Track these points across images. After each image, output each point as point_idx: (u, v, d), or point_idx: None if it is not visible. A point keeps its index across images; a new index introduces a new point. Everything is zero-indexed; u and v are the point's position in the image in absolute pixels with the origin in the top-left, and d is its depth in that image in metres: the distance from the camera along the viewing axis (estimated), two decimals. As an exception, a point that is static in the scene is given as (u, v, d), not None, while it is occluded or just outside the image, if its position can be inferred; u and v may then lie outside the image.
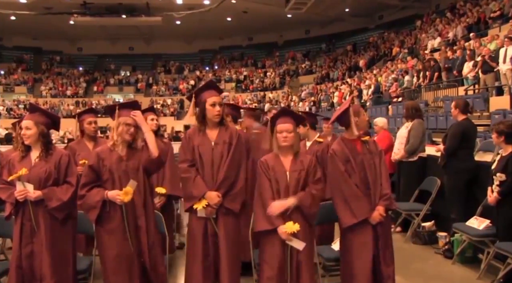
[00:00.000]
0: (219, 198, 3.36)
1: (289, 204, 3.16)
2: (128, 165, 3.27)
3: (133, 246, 3.21)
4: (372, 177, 3.39)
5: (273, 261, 3.19)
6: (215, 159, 3.42)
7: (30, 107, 3.55)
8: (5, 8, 22.71)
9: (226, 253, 3.36)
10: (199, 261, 3.41)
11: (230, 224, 3.43)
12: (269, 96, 26.50)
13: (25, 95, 27.69)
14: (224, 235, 3.37)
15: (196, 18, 24.89)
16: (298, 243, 3.15)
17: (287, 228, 3.11)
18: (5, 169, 3.36)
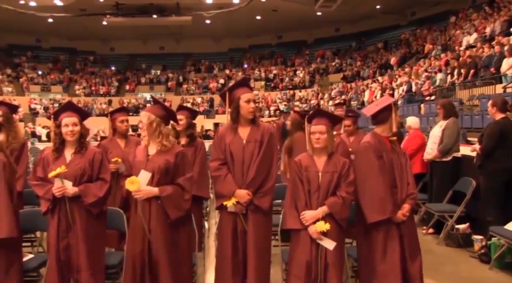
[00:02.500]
0: (249, 196, 3.36)
1: (320, 214, 3.17)
2: (149, 165, 3.28)
3: (143, 245, 3.22)
4: (399, 176, 3.37)
5: (301, 260, 3.18)
6: (246, 157, 3.43)
7: (71, 105, 3.61)
8: (43, 11, 23.44)
9: (254, 250, 3.36)
10: (228, 258, 3.42)
11: (259, 221, 3.42)
12: (299, 95, 26.40)
13: (60, 94, 28.45)
14: (253, 232, 3.38)
15: (225, 17, 24.99)
16: (329, 242, 3.14)
17: (318, 227, 3.12)
18: (39, 166, 3.45)
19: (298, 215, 3.23)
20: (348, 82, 24.33)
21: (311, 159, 3.31)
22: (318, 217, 3.17)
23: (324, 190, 3.22)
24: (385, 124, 3.42)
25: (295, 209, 3.26)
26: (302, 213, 3.20)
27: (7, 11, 22.54)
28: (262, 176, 3.42)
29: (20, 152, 4.40)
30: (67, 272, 3.37)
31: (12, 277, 3.34)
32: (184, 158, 3.34)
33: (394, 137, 3.47)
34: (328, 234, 3.15)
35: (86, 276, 3.32)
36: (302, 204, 3.24)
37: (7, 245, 3.28)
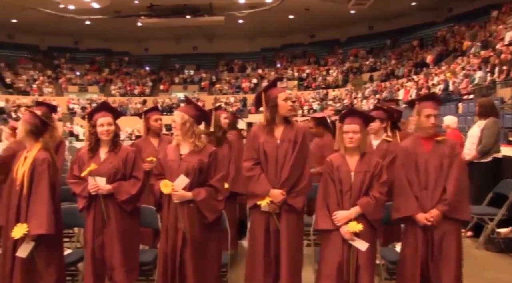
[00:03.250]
0: (283, 196, 3.34)
1: (353, 214, 3.13)
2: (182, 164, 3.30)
3: (174, 243, 3.26)
4: (433, 178, 3.25)
5: (332, 260, 3.15)
6: (280, 157, 3.41)
7: (106, 105, 3.69)
8: (81, 14, 24.13)
9: (287, 250, 3.34)
10: (260, 257, 3.42)
11: (293, 221, 3.40)
12: (332, 94, 26.13)
13: (97, 94, 29.15)
14: (286, 231, 3.36)
15: (258, 16, 25.00)
16: (361, 243, 3.09)
17: (351, 227, 3.08)
18: (75, 165, 3.56)
19: (330, 215, 3.20)
20: (382, 81, 23.92)
21: (342, 158, 3.27)
22: (351, 218, 3.13)
23: (356, 190, 3.18)
24: None
25: (327, 209, 3.23)
26: (334, 213, 3.17)
27: (48, 15, 23.37)
28: (295, 175, 3.39)
29: (56, 150, 4.55)
30: (102, 269, 3.45)
31: (52, 271, 3.43)
32: (217, 158, 3.35)
33: (443, 137, 3.37)
34: (361, 235, 3.10)
35: (120, 274, 3.39)
36: (334, 204, 3.21)
37: (48, 241, 3.38)
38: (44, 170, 3.38)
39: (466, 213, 3.28)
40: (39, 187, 3.35)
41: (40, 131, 3.51)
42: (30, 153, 3.46)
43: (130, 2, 23.98)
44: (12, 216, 3.38)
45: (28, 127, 3.47)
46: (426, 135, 3.31)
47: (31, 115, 3.56)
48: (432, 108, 3.29)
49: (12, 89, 27.55)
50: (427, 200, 3.24)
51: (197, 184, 3.27)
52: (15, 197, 3.39)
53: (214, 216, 3.28)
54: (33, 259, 3.34)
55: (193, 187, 3.25)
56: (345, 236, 3.11)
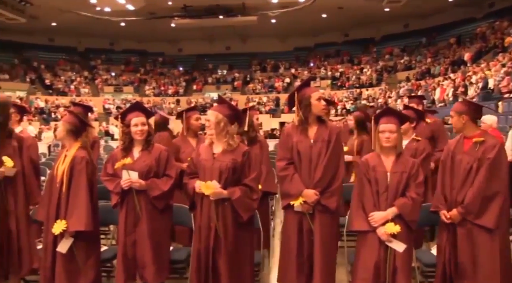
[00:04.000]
0: (317, 196, 3.31)
1: (390, 215, 3.08)
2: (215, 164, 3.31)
3: (207, 242, 3.28)
4: (461, 179, 3.19)
5: (369, 262, 3.10)
6: (313, 157, 3.39)
7: (138, 105, 3.76)
8: (116, 16, 24.66)
9: (320, 250, 3.31)
10: (293, 257, 3.40)
11: (326, 221, 3.37)
12: (366, 94, 25.76)
13: (131, 94, 29.69)
14: (319, 232, 3.33)
15: (290, 16, 24.90)
16: (399, 244, 3.04)
17: (388, 228, 3.02)
18: (109, 163, 3.64)
19: (365, 216, 3.15)
20: (417, 80, 23.40)
21: (378, 158, 3.22)
22: (388, 218, 3.08)
23: (393, 190, 3.13)
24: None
25: (362, 210, 3.19)
26: (371, 214, 3.12)
27: (85, 17, 24.01)
28: (329, 175, 3.36)
29: (91, 149, 4.66)
30: (133, 267, 3.50)
31: (91, 266, 3.53)
32: (251, 157, 3.34)
33: (481, 138, 3.26)
34: (398, 236, 3.04)
35: (151, 272, 3.44)
36: (370, 205, 3.16)
37: (86, 237, 3.48)
38: (83, 168, 3.48)
39: (490, 220, 3.14)
40: (78, 184, 3.46)
41: (79, 131, 3.61)
42: (69, 152, 3.56)
43: (164, 3, 24.33)
44: (52, 212, 3.49)
45: (68, 127, 3.57)
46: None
47: (70, 116, 3.66)
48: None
49: (52, 90, 28.46)
50: (451, 200, 3.23)
51: (231, 183, 3.28)
52: (55, 194, 3.51)
53: (248, 215, 3.29)
54: (73, 254, 3.43)
55: (227, 186, 3.26)
56: (382, 237, 3.06)
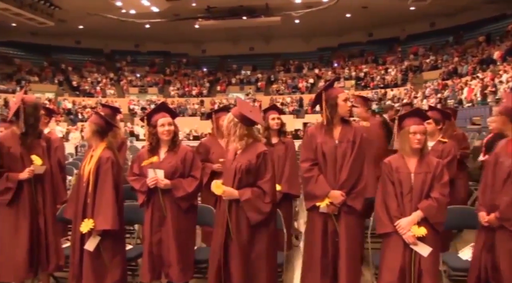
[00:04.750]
0: (343, 197, 3.28)
1: (416, 219, 3.02)
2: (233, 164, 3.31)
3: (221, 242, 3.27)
4: (500, 183, 3.09)
5: (394, 265, 3.04)
6: (338, 158, 3.36)
7: (164, 106, 3.81)
8: (141, 18, 25.04)
9: (346, 252, 3.28)
10: (317, 259, 3.37)
11: (352, 222, 3.34)
12: (390, 94, 25.43)
13: (156, 95, 30.06)
14: (345, 233, 3.30)
15: (314, 16, 24.78)
16: (424, 248, 2.98)
17: (414, 231, 2.97)
18: (135, 164, 3.68)
19: (390, 218, 3.10)
20: (443, 79, 22.95)
21: (401, 160, 3.16)
22: (414, 223, 3.02)
23: (417, 191, 3.07)
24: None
25: (386, 211, 3.13)
26: (397, 222, 3.05)
27: (111, 20, 24.44)
28: (354, 176, 3.32)
29: (119, 150, 4.72)
30: (159, 266, 3.54)
31: (117, 264, 3.58)
32: (266, 159, 3.25)
33: None
34: (423, 239, 2.99)
35: (176, 271, 3.47)
36: (394, 206, 3.10)
37: (112, 236, 3.52)
38: (109, 168, 3.53)
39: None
40: (104, 184, 3.51)
41: (105, 132, 3.67)
42: (95, 152, 3.62)
43: (188, 5, 24.53)
44: (79, 211, 3.56)
45: (94, 127, 3.63)
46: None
47: (96, 117, 3.72)
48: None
49: (78, 92, 29.08)
50: (492, 202, 3.12)
51: (245, 184, 3.24)
52: (82, 193, 3.57)
53: (257, 218, 3.18)
54: (100, 252, 3.49)
55: (241, 187, 3.22)
56: (408, 241, 3.01)
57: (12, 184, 3.67)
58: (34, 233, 3.75)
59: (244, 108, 3.31)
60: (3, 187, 3.66)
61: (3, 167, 3.70)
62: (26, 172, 3.72)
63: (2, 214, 3.72)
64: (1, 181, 3.66)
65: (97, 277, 3.49)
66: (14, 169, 3.72)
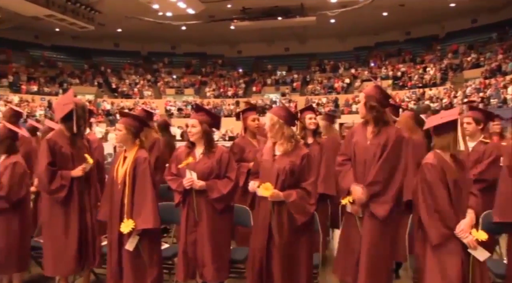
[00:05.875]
0: (363, 195, 3.19)
1: (473, 220, 2.89)
2: (275, 165, 3.30)
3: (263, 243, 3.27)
4: None
5: (451, 272, 2.85)
6: (368, 159, 3.29)
7: (196, 107, 3.87)
8: (178, 20, 25.37)
9: (366, 256, 3.21)
10: (346, 254, 3.38)
11: (375, 228, 3.23)
12: (429, 94, 24.76)
13: (192, 96, 30.42)
14: (367, 237, 3.23)
15: (350, 15, 24.43)
16: (482, 252, 2.82)
17: (475, 235, 2.83)
18: (173, 163, 3.72)
19: (443, 223, 2.91)
20: (486, 78, 22.15)
21: (443, 160, 3.01)
22: (472, 223, 2.87)
23: (465, 191, 2.96)
24: None
25: (438, 218, 2.92)
26: (458, 227, 2.86)
27: (148, 23, 24.89)
28: (383, 180, 3.20)
29: (150, 150, 4.84)
30: (193, 266, 3.57)
31: (155, 263, 3.64)
32: (310, 161, 3.30)
33: None
34: (482, 243, 2.85)
35: (210, 271, 3.49)
36: (446, 208, 2.92)
37: (150, 235, 3.58)
38: (146, 168, 3.58)
39: None
40: (143, 184, 3.55)
41: (137, 132, 3.72)
42: (129, 153, 3.67)
43: (223, 7, 24.69)
44: (115, 213, 3.62)
45: (126, 128, 3.67)
46: None
47: (128, 118, 3.78)
48: None
49: (117, 93, 29.80)
50: None
51: (289, 186, 3.25)
52: (117, 195, 3.62)
53: (303, 219, 3.24)
54: (139, 251, 3.55)
55: (284, 189, 3.23)
56: (469, 244, 2.83)
57: (66, 181, 3.83)
58: (82, 229, 3.90)
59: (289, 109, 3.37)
60: (58, 185, 3.80)
61: (56, 166, 3.85)
62: (79, 169, 3.88)
63: (54, 211, 3.88)
64: (56, 179, 3.80)
65: (137, 276, 3.55)
66: (64, 168, 3.88)
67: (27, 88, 26.19)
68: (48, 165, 3.78)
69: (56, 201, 3.84)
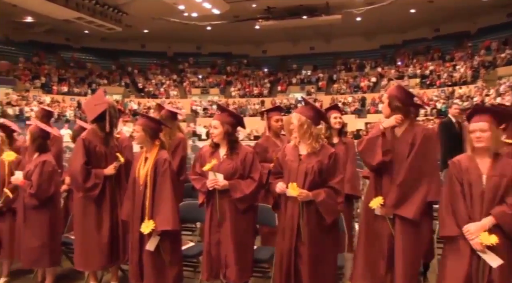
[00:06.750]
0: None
1: (487, 226, 2.76)
2: (302, 166, 3.27)
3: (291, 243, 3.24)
4: None
5: (459, 273, 2.81)
6: (397, 158, 3.23)
7: (218, 108, 3.88)
8: (203, 20, 25.57)
9: (402, 257, 3.14)
10: (370, 261, 3.30)
11: (407, 229, 3.17)
12: (459, 92, 24.11)
13: (217, 96, 30.59)
14: (400, 238, 3.16)
15: (377, 13, 24.08)
16: (493, 258, 2.71)
17: (483, 239, 2.72)
18: (197, 163, 3.74)
19: (456, 220, 2.87)
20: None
21: (472, 160, 2.91)
22: (485, 229, 2.76)
23: (490, 195, 2.81)
24: None
25: (452, 214, 2.91)
26: (465, 227, 2.81)
27: (174, 23, 25.16)
28: (412, 180, 3.15)
29: (176, 148, 4.88)
30: (217, 266, 3.57)
31: (175, 263, 3.67)
32: (337, 160, 3.28)
33: None
34: (495, 248, 2.72)
35: (233, 272, 3.48)
36: (462, 208, 2.87)
37: (171, 235, 3.61)
38: (166, 169, 3.60)
39: None
40: (163, 185, 3.58)
41: (155, 132, 3.73)
42: (150, 154, 3.69)
43: (248, 6, 24.74)
44: (137, 213, 3.66)
45: (144, 129, 3.69)
46: None
47: (144, 119, 3.79)
48: None
49: (144, 93, 30.22)
50: None
51: (316, 185, 3.23)
52: (139, 195, 3.65)
53: (332, 218, 3.22)
54: (159, 252, 3.57)
55: (312, 188, 3.21)
56: (476, 247, 2.77)
57: (99, 180, 3.98)
58: (113, 226, 4.03)
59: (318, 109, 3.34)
60: (92, 183, 3.95)
61: (90, 165, 3.94)
62: (111, 168, 4.04)
63: (86, 208, 4.01)
64: (90, 177, 3.93)
65: (158, 275, 3.58)
66: (98, 167, 4.02)
67: (58, 89, 26.88)
68: (83, 164, 3.89)
69: (89, 198, 3.92)
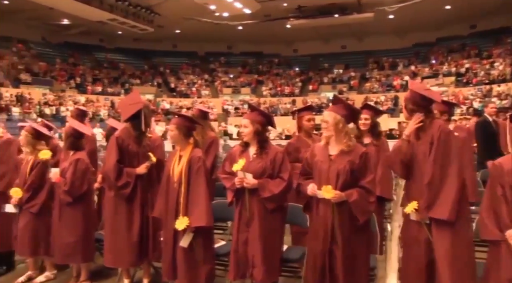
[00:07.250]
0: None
1: None
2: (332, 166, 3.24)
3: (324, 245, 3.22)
4: None
5: (503, 278, 2.75)
6: (419, 159, 3.17)
7: (249, 107, 3.91)
8: (234, 20, 25.72)
9: (447, 265, 3.01)
10: (410, 266, 3.23)
11: (445, 232, 3.05)
12: (497, 90, 23.29)
13: (248, 95, 30.67)
14: (439, 242, 3.06)
15: (410, 10, 23.61)
16: None
17: None
18: (227, 162, 3.77)
19: (498, 224, 2.80)
20: None
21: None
22: None
23: None
24: None
25: (494, 218, 2.83)
26: (508, 232, 2.73)
27: (205, 23, 25.43)
28: (437, 180, 3.06)
29: (208, 148, 4.93)
30: (244, 265, 3.57)
31: (208, 260, 3.71)
32: (368, 159, 3.24)
33: None
34: None
35: (260, 272, 3.48)
36: (505, 212, 2.79)
37: (204, 233, 3.66)
38: (201, 167, 3.66)
39: None
40: (197, 183, 3.63)
41: (189, 131, 3.80)
42: (184, 152, 3.76)
43: (279, 5, 24.71)
44: (171, 211, 3.72)
45: (179, 128, 3.77)
46: None
47: (179, 118, 3.86)
48: None
49: (175, 93, 30.64)
50: None
51: (348, 185, 3.20)
52: (173, 193, 3.72)
53: (365, 218, 3.19)
54: (193, 248, 3.62)
55: (344, 188, 3.18)
56: None
57: (131, 178, 4.06)
58: (144, 224, 4.11)
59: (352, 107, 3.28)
60: (124, 182, 4.04)
61: (122, 163, 4.05)
62: (143, 167, 4.12)
63: (117, 206, 4.11)
64: (122, 176, 4.02)
65: (192, 272, 3.63)
66: (130, 165, 4.11)
67: (92, 89, 27.58)
68: (116, 162, 3.98)
69: (120, 197, 4.01)
